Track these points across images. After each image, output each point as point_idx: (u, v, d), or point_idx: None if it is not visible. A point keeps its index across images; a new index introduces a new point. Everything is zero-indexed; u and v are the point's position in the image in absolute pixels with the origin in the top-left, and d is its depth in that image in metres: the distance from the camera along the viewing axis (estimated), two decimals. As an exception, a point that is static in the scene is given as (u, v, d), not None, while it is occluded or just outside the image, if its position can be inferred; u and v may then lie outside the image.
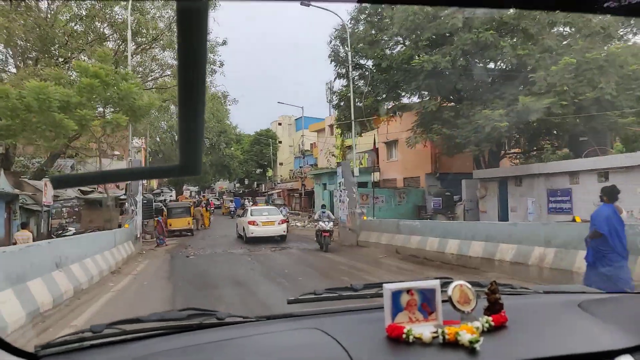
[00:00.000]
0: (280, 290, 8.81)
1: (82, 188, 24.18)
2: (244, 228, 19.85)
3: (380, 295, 1.35)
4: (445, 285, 1.43)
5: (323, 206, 17.44)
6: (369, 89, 21.50)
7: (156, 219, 19.68)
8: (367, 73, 22.00)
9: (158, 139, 55.99)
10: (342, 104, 24.24)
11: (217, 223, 32.78)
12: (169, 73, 28.04)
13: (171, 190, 46.17)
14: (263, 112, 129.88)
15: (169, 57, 27.89)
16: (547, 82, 16.26)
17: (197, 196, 59.16)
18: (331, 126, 49.45)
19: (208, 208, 32.62)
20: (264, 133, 66.46)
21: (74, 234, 17.20)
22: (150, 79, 26.31)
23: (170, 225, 24.10)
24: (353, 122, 19.42)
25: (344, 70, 23.39)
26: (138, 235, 16.38)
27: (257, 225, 18.87)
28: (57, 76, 14.36)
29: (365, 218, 17.56)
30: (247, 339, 1.41)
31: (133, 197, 16.33)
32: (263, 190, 63.03)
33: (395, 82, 20.63)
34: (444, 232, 11.92)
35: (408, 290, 1.31)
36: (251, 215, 19.62)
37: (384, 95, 22.85)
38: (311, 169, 48.48)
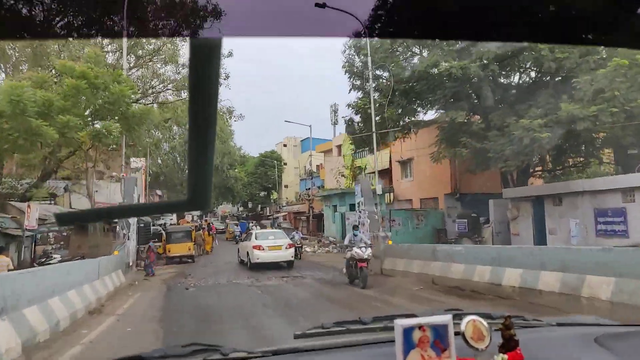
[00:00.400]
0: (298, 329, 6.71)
1: (72, 210, 22.27)
2: (247, 253, 18.34)
3: (390, 329, 1.29)
4: (457, 317, 1.37)
5: (355, 227, 13.97)
6: (385, 101, 19.62)
7: (148, 244, 17.61)
8: (385, 83, 20.16)
9: (160, 160, 54.36)
10: (358, 117, 22.33)
11: (221, 248, 30.63)
12: (170, 88, 26.36)
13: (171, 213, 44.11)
14: (268, 134, 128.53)
15: (171, 71, 26.35)
16: (593, 88, 14.39)
17: (199, 220, 56.98)
18: (339, 147, 47.72)
19: (210, 232, 30.46)
20: (268, 155, 64.76)
21: (60, 261, 15.17)
22: (150, 93, 24.61)
23: (169, 251, 22.02)
24: (375, 135, 17.50)
25: (358, 82, 21.64)
26: (130, 263, 14.32)
27: (263, 250, 17.41)
28: (40, 79, 12.54)
29: (390, 242, 15.48)
30: None
31: (125, 220, 14.33)
32: (268, 214, 60.91)
33: (416, 92, 18.77)
34: (498, 259, 9.82)
35: (420, 327, 1.25)
36: (256, 239, 18.21)
37: (400, 110, 20.98)
38: (319, 190, 46.60)
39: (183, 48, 24.63)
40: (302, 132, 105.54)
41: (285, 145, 67.86)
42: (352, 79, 21.93)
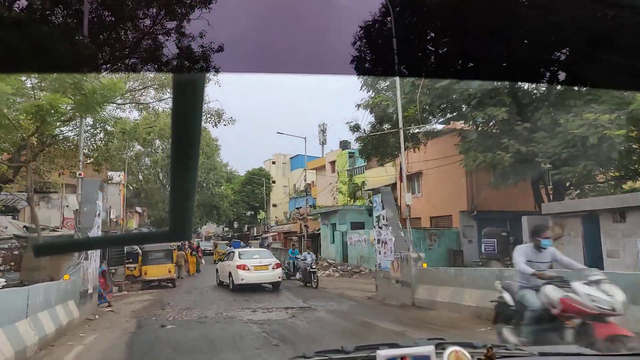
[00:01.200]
0: None
1: (28, 225, 18.86)
2: (230, 274, 16.70)
3: (373, 358, 1.26)
4: (439, 347, 1.36)
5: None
6: (407, 96, 16.67)
7: (101, 268, 14.11)
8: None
9: (141, 176, 50.56)
10: (372, 119, 19.32)
11: (206, 270, 27.08)
12: (152, 93, 23.02)
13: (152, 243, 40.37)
14: (255, 150, 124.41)
15: (152, 69, 23.15)
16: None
17: (182, 242, 52.92)
18: (332, 163, 44.77)
19: (193, 252, 27.02)
20: (256, 172, 61.42)
21: (4, 286, 11.67)
22: (126, 93, 21.33)
23: (145, 273, 18.54)
24: (402, 131, 14.43)
25: (370, 80, 18.71)
26: (90, 290, 10.87)
27: (248, 269, 16.00)
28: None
29: (425, 266, 12.29)
30: None
31: (84, 234, 10.87)
32: (255, 234, 57.17)
33: (445, 88, 15.83)
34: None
35: (402, 358, 1.24)
36: (239, 258, 16.74)
37: (427, 107, 17.88)
38: (311, 209, 43.41)
39: (167, 44, 21.56)
40: (292, 149, 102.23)
41: (274, 163, 64.58)
42: (361, 77, 18.96)
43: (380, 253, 13.88)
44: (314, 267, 17.79)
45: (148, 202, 48.39)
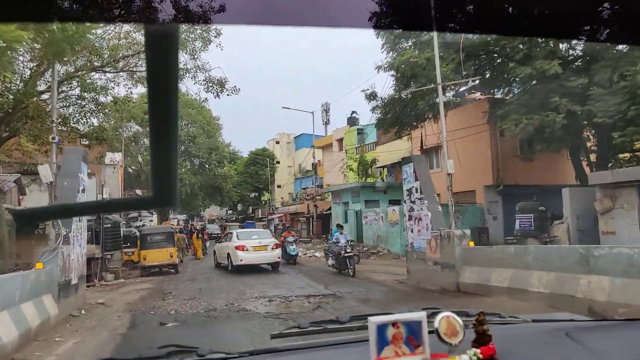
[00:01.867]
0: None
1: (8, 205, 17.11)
2: (228, 255, 16.29)
3: (367, 327, 1.25)
4: (431, 316, 1.36)
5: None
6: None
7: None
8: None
9: (140, 158, 48.55)
10: (393, 83, 17.28)
11: (213, 254, 25.27)
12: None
13: (152, 214, 38.45)
14: (258, 131, 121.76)
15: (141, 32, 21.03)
16: None
17: (185, 225, 50.98)
18: (339, 140, 42.70)
19: (199, 235, 25.44)
20: (260, 152, 59.35)
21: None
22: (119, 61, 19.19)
23: (144, 258, 16.71)
24: (440, 87, 12.40)
25: (392, 38, 16.63)
26: (74, 281, 9.01)
27: (247, 250, 15.60)
28: None
29: (472, 244, 10.41)
30: None
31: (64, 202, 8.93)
32: (260, 216, 55.37)
33: (477, 45, 13.74)
34: None
35: (394, 323, 1.24)
36: (238, 238, 16.32)
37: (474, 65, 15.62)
38: (319, 188, 41.46)
39: (163, 5, 19.37)
40: (295, 128, 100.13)
41: (277, 142, 62.52)
42: (382, 37, 16.87)
43: (412, 231, 12.01)
44: (348, 250, 14.03)
45: (149, 184, 46.50)
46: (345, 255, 13.90)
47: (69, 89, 17.99)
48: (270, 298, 10.20)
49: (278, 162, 60.78)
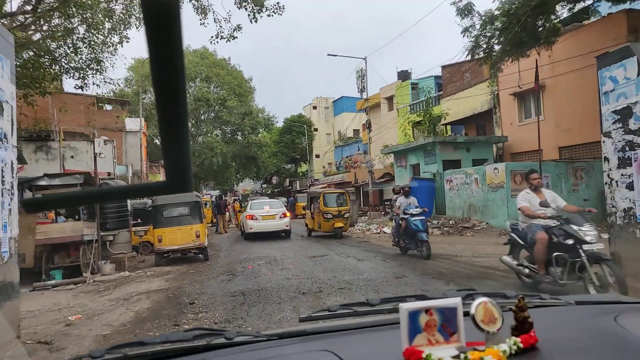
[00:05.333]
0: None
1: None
2: (243, 224, 18.17)
3: (398, 311, 1.14)
4: (467, 298, 1.34)
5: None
6: None
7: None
8: None
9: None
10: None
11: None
12: None
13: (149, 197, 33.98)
14: (292, 99, 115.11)
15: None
16: None
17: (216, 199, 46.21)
18: (389, 99, 36.87)
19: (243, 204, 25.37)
20: (296, 119, 54.02)
21: None
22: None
23: (159, 241, 11.81)
24: None
25: None
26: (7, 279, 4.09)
27: (256, 219, 16.95)
28: None
29: None
30: None
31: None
32: (298, 188, 50.39)
33: None
34: None
35: (427, 310, 1.15)
36: (250, 209, 17.87)
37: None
38: (365, 155, 35.96)
39: None
40: (336, 92, 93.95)
41: (315, 108, 57.02)
42: None
43: (635, 188, 6.46)
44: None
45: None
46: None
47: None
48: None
49: (316, 130, 55.46)
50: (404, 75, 36.89)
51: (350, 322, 1.58)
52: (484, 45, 15.16)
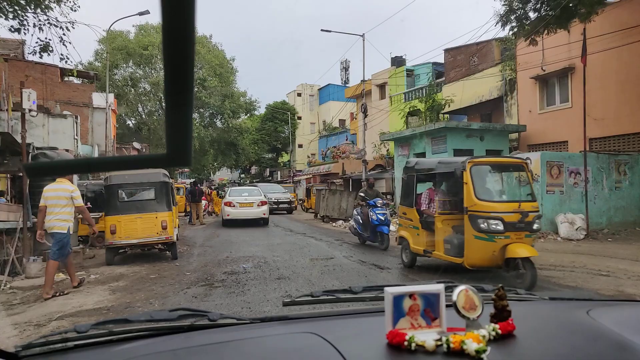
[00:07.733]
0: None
1: None
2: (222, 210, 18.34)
3: (381, 299, 1.24)
4: (449, 289, 1.32)
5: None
6: None
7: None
8: None
9: (141, 107, 40.34)
10: None
11: (235, 223, 17.70)
12: None
13: (148, 168, 30.65)
14: (276, 86, 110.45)
15: None
16: None
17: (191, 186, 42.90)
18: (381, 86, 34.17)
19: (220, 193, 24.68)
20: (279, 106, 51.05)
21: None
22: None
23: (112, 232, 8.93)
24: None
25: None
26: None
27: (234, 206, 17.04)
28: None
29: None
30: (239, 342, 1.31)
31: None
32: (279, 179, 47.54)
33: None
34: None
35: (411, 295, 1.19)
36: (229, 196, 17.99)
37: None
38: (353, 145, 33.27)
39: None
40: (321, 80, 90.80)
41: (299, 95, 54.05)
42: None
43: None
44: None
45: (151, 140, 38.56)
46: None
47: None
48: None
49: (300, 118, 52.59)
50: (398, 62, 34.26)
51: (333, 309, 1.66)
52: (519, 12, 12.67)
